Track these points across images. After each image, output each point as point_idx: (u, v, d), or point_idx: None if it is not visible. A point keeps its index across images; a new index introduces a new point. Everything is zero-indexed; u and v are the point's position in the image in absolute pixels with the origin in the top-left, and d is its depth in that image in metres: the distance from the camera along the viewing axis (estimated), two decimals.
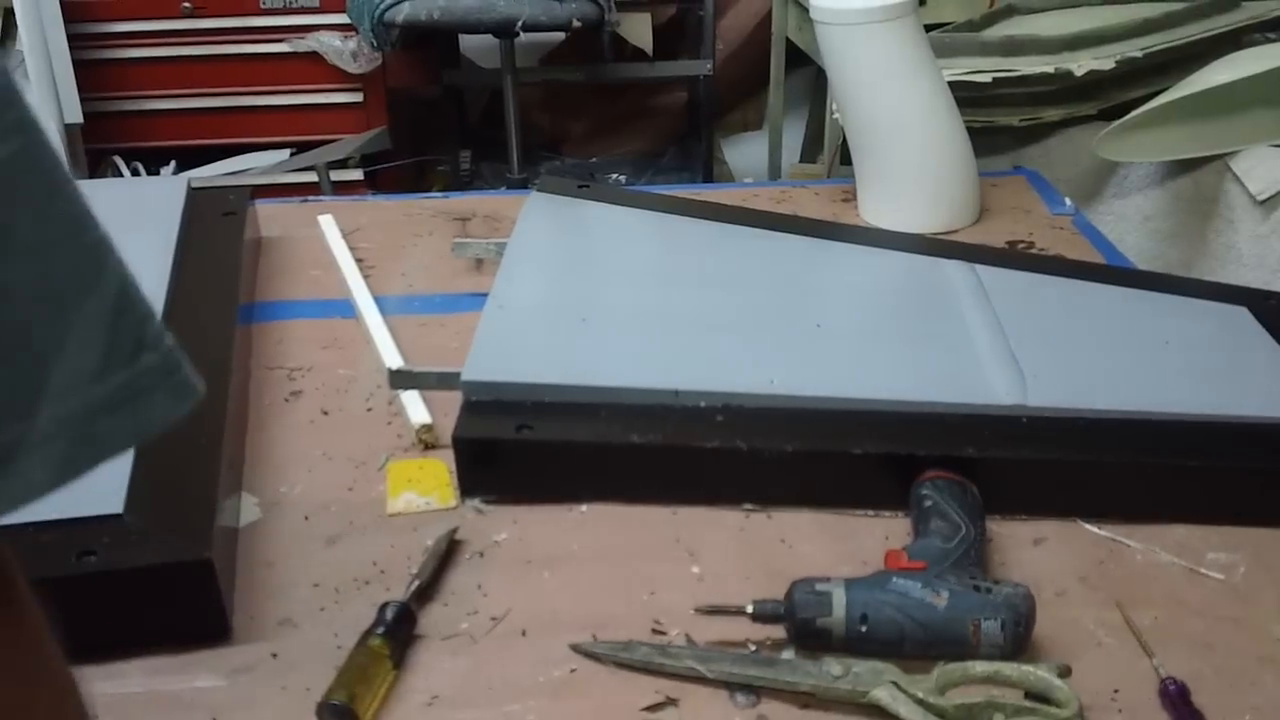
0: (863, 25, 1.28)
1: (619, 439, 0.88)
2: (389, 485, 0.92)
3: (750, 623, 0.76)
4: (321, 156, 2.52)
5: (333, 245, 1.28)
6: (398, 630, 0.75)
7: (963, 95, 1.43)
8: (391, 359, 1.07)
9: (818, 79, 2.66)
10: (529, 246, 1.15)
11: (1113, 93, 1.73)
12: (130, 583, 0.74)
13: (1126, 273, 1.21)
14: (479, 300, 1.05)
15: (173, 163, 2.50)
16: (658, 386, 0.92)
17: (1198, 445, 0.89)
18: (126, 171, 2.45)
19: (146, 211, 1.18)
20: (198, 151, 2.50)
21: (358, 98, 2.53)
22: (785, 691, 0.72)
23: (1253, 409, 0.92)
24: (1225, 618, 0.80)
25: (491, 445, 0.89)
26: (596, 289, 1.08)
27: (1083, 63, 1.65)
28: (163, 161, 2.50)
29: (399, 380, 0.97)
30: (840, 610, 0.73)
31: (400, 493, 0.91)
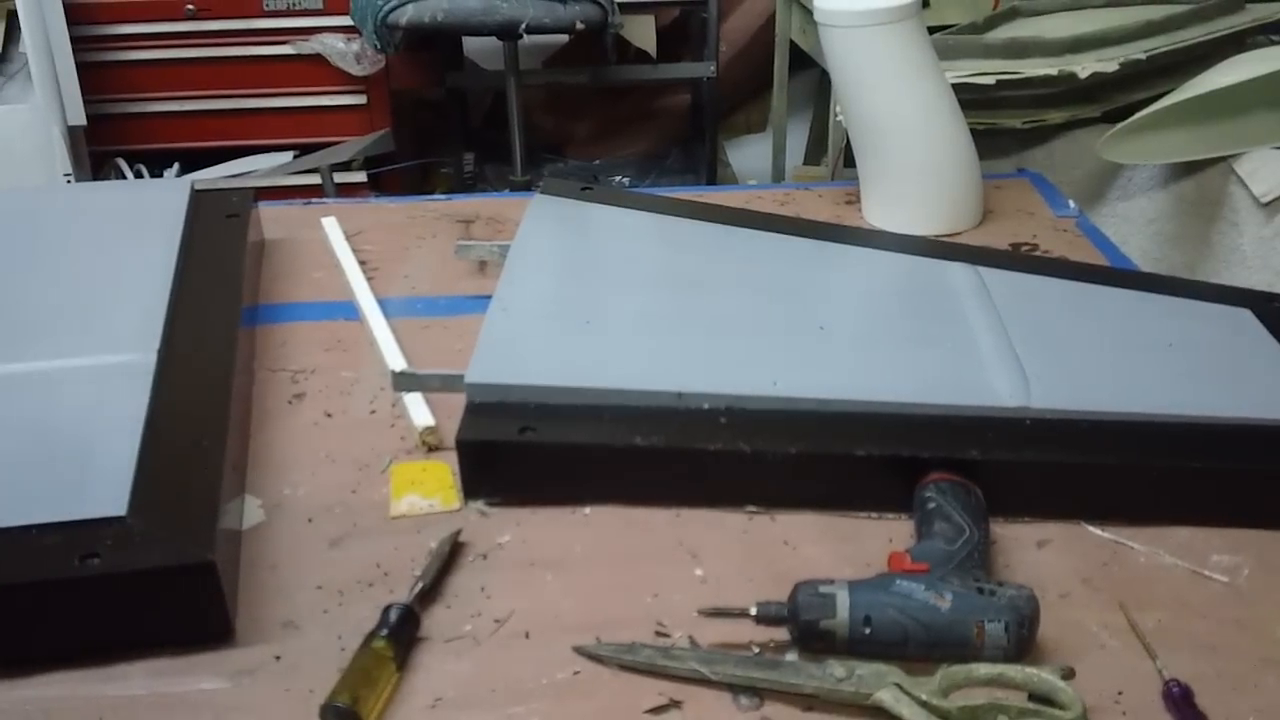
0: (866, 27, 1.28)
1: (622, 441, 0.88)
2: (392, 487, 0.92)
3: (753, 625, 0.76)
4: (325, 159, 2.53)
5: (336, 247, 1.29)
6: (401, 632, 0.75)
7: (966, 97, 1.43)
8: (395, 361, 1.07)
9: (821, 81, 2.66)
10: (532, 249, 1.15)
11: (1116, 95, 1.73)
12: (133, 585, 0.74)
13: (1130, 275, 1.21)
14: (482, 303, 1.05)
15: (176, 165, 2.50)
16: (661, 389, 0.92)
17: (1201, 447, 0.89)
18: (130, 174, 2.46)
19: (150, 214, 1.18)
20: (201, 154, 2.50)
21: (361, 100, 2.53)
22: (788, 693, 0.72)
23: (1256, 411, 0.92)
24: (1229, 620, 0.80)
25: (495, 447, 0.89)
26: (600, 291, 1.08)
27: (1086, 65, 1.65)
28: (166, 164, 2.50)
29: (402, 382, 0.97)
30: (844, 612, 0.73)
31: (403, 495, 0.91)
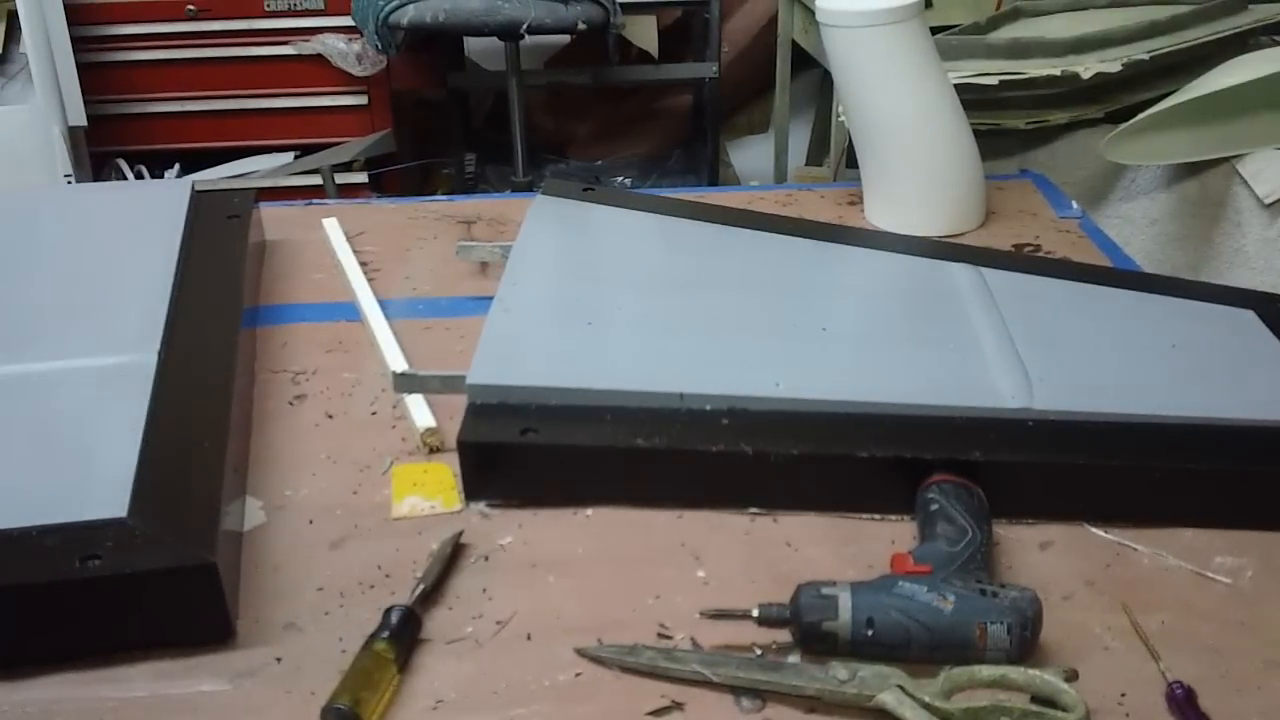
0: (868, 28, 1.28)
1: (624, 442, 0.88)
2: (394, 489, 0.92)
3: (756, 627, 0.76)
4: (326, 159, 2.53)
5: (337, 248, 1.29)
6: (402, 634, 0.75)
7: (969, 98, 1.42)
8: (396, 362, 1.07)
9: (823, 82, 2.66)
10: (534, 249, 1.15)
11: (1119, 95, 1.73)
12: (134, 586, 0.74)
13: (1133, 276, 1.20)
14: (484, 304, 1.05)
15: (177, 165, 2.51)
16: (663, 390, 0.92)
17: (1204, 448, 0.89)
18: (130, 174, 2.46)
19: (151, 214, 1.18)
20: (202, 154, 2.51)
21: (362, 100, 2.53)
22: (791, 695, 0.72)
23: (1259, 412, 0.92)
24: (1232, 622, 0.79)
25: (496, 449, 0.89)
26: (601, 292, 1.07)
27: (1089, 65, 1.65)
28: (167, 164, 2.51)
29: (403, 384, 0.97)
30: (846, 614, 0.73)
31: (405, 496, 0.91)
